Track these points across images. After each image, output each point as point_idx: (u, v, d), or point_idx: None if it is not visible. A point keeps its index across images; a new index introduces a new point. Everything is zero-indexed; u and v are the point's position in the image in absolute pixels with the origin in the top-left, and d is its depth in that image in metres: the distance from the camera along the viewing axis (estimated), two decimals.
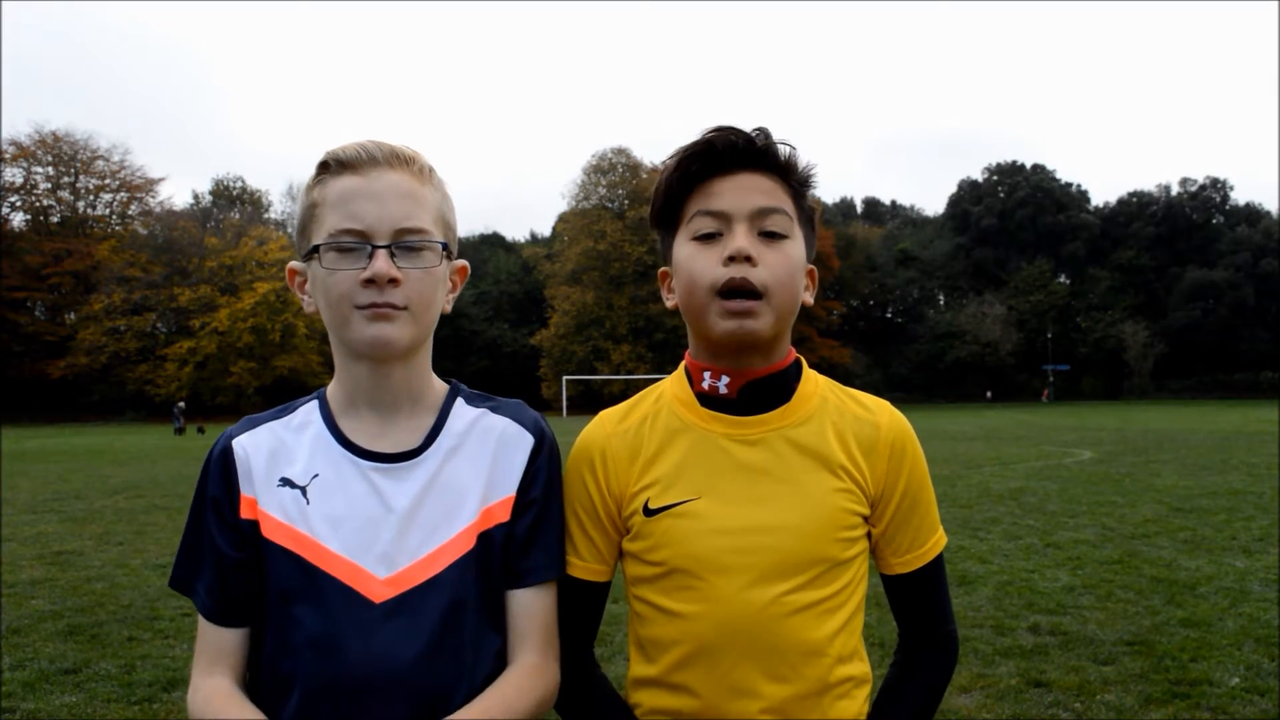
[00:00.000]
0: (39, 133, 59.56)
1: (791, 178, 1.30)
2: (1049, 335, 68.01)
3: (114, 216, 63.19)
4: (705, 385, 1.31)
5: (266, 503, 1.25)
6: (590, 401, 59.93)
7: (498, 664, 1.26)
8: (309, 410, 1.33)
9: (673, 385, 1.37)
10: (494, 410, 1.34)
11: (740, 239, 1.24)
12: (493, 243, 78.94)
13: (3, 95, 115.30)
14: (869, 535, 1.33)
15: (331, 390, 1.33)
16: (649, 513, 1.29)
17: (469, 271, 1.37)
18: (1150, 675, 4.55)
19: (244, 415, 1.38)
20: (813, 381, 1.35)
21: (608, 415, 1.39)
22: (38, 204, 60.49)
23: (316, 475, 1.26)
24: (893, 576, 1.35)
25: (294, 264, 1.32)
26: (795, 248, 1.28)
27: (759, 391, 1.30)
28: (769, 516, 1.26)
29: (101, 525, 10.14)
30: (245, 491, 1.26)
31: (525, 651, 1.28)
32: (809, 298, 1.34)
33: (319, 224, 1.24)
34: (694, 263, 1.26)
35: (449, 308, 1.32)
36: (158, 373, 54.29)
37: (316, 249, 1.24)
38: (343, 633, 1.19)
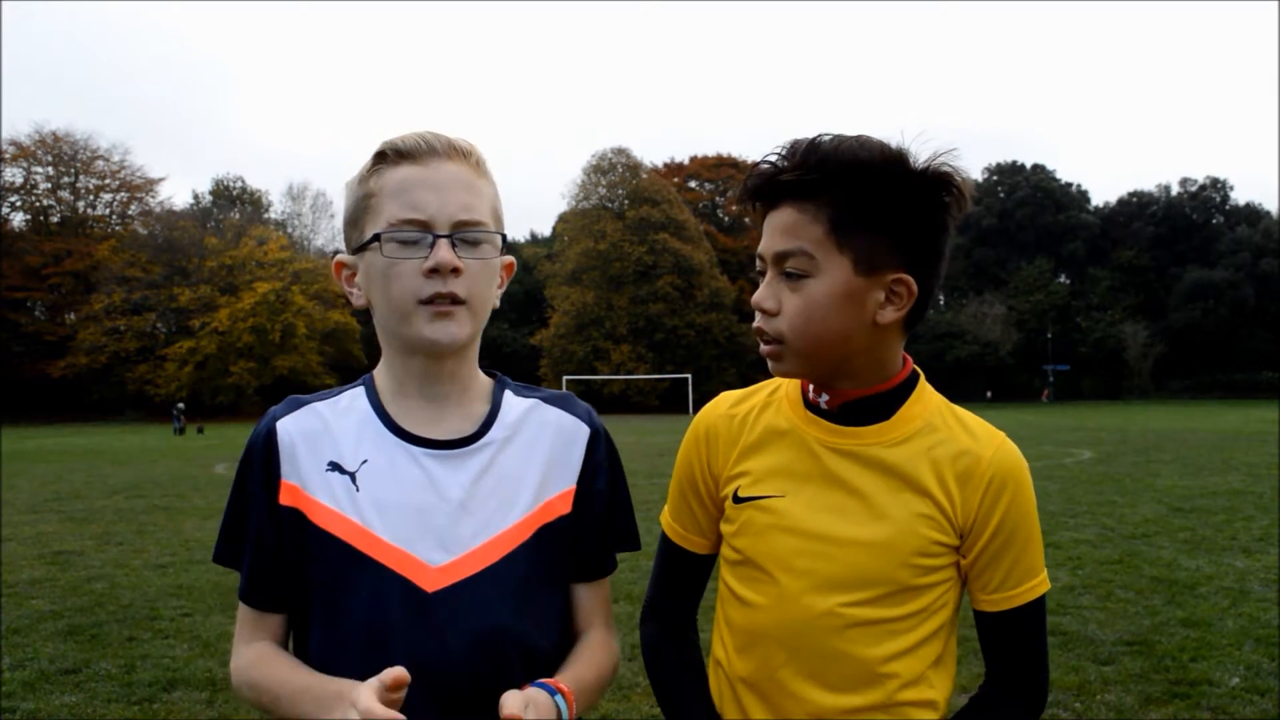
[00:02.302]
0: (39, 133, 59.51)
1: (830, 194, 1.19)
2: (1049, 335, 67.90)
3: (114, 216, 63.11)
4: (810, 396, 1.32)
5: (314, 488, 1.22)
6: (590, 401, 58.76)
7: (547, 656, 1.26)
8: (355, 395, 1.30)
9: (791, 384, 1.36)
10: (545, 401, 1.35)
11: (761, 289, 1.25)
12: None
13: (3, 95, 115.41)
14: (958, 566, 1.29)
15: (379, 376, 1.31)
16: (737, 500, 1.32)
17: (515, 267, 1.35)
18: (1150, 675, 4.56)
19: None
20: (923, 404, 1.30)
21: (727, 395, 1.41)
22: (38, 204, 60.47)
23: (365, 461, 1.23)
24: (981, 614, 1.30)
25: (343, 256, 1.29)
26: (817, 285, 1.21)
27: (858, 409, 1.29)
28: (842, 528, 1.25)
29: (101, 525, 10.14)
30: (288, 478, 1.23)
31: (595, 627, 1.34)
32: (887, 314, 1.22)
33: (375, 214, 1.22)
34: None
35: (498, 303, 1.31)
36: (158, 373, 54.21)
37: (375, 239, 1.21)
38: (394, 622, 1.17)
